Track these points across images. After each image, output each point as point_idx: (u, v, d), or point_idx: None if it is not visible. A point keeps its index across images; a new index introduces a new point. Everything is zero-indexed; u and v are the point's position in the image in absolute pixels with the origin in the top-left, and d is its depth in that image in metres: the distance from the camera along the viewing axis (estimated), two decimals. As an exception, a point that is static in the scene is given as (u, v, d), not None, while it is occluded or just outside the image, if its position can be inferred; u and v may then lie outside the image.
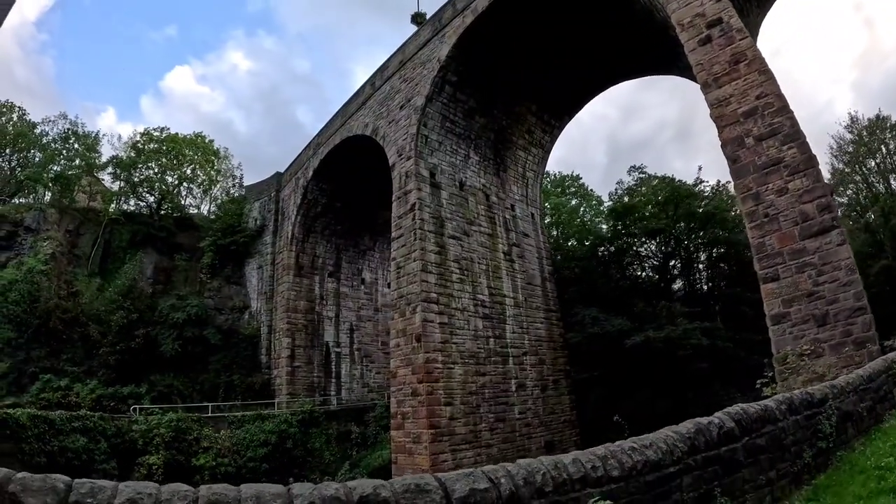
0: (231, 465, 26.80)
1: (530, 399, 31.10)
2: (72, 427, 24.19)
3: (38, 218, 42.03)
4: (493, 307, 30.36)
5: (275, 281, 39.24)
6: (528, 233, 33.80)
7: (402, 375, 27.32)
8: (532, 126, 35.13)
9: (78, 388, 33.51)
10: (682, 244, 39.82)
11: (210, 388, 35.59)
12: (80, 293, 38.33)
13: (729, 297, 39.59)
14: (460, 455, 26.89)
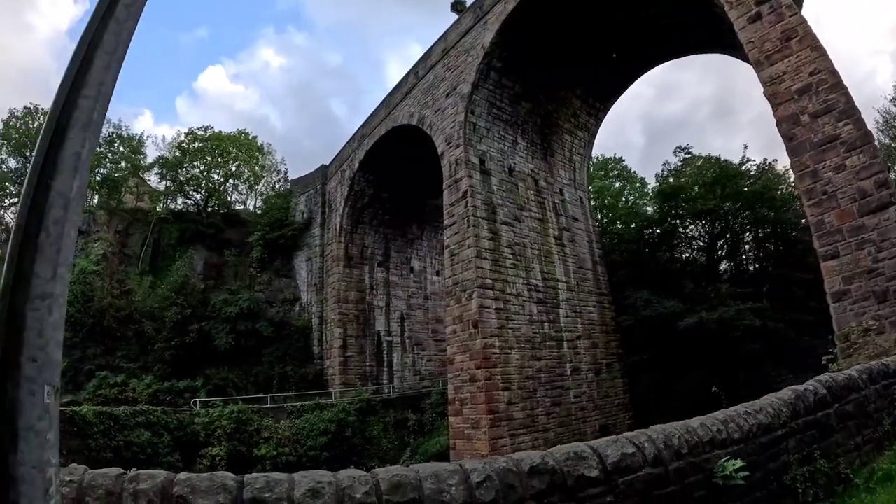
0: (292, 454, 27.20)
1: (585, 383, 31.01)
2: (136, 422, 24.64)
3: (87, 220, 43.09)
4: (547, 292, 30.29)
5: (324, 272, 39.63)
6: (577, 217, 33.60)
7: (460, 362, 27.43)
8: (577, 109, 34.86)
9: (134, 384, 34.27)
10: (729, 225, 39.21)
11: (264, 380, 36.13)
12: (133, 291, 39.20)
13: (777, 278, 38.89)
14: (518, 440, 26.94)
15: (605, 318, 33.52)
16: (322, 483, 3.69)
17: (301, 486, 3.62)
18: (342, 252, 38.44)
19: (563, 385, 29.73)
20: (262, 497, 3.48)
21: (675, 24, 28.45)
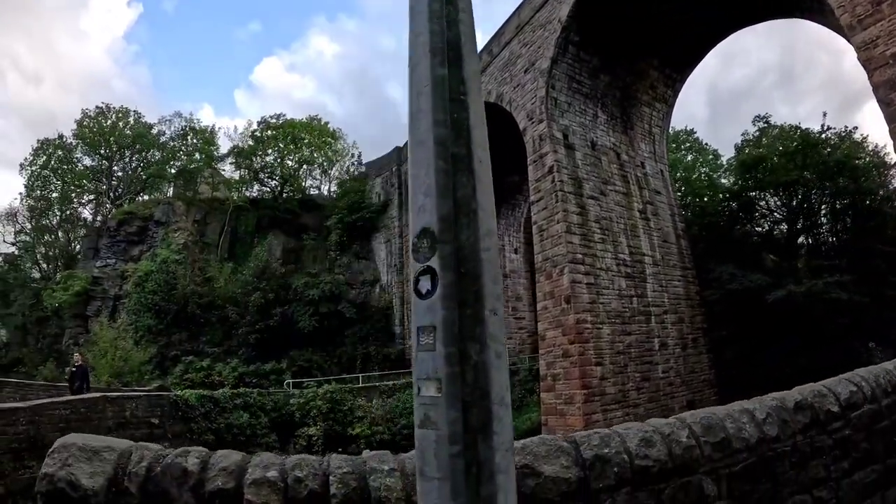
0: (385, 433, 27.45)
1: (672, 358, 30.62)
2: (234, 404, 24.99)
3: (167, 211, 44.40)
4: (634, 266, 29.94)
5: (404, 253, 39.91)
6: (659, 190, 33.04)
7: (552, 337, 27.37)
8: (654, 81, 34.14)
9: (219, 368, 35.16)
10: (808, 196, 37.89)
11: (347, 361, 36.77)
12: (214, 278, 40.25)
13: (857, 251, 37.52)
14: (610, 415, 26.78)
15: (689, 292, 32.98)
16: (649, 432, 4.01)
17: (631, 437, 3.88)
18: None
19: (651, 360, 29.43)
20: (602, 453, 3.64)
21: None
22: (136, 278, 40.00)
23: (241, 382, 33.20)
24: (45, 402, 15.74)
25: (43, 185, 57.17)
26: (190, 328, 38.96)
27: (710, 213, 38.29)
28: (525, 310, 42.32)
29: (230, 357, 36.50)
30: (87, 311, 43.00)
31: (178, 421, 22.03)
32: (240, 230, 43.67)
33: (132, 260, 42.96)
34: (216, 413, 23.93)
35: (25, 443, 13.98)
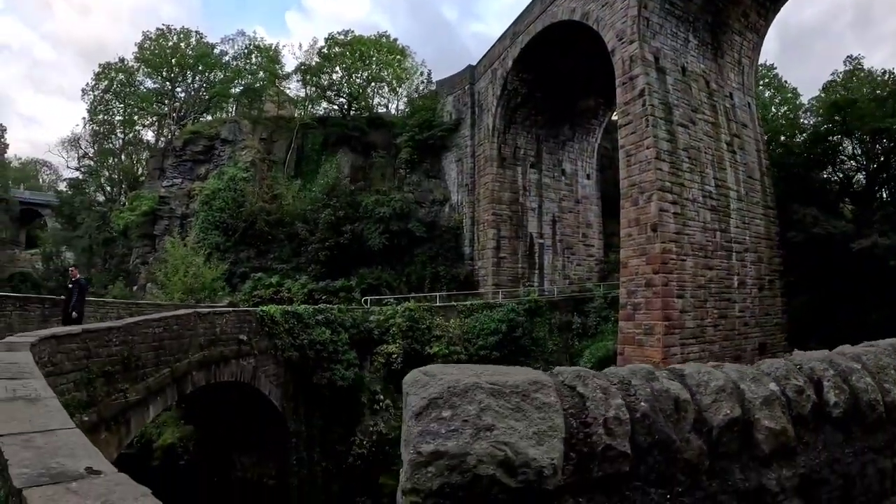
0: (463, 352, 27.56)
1: (749, 298, 29.97)
2: (316, 320, 25.01)
3: (233, 129, 44.26)
4: (719, 199, 29.03)
5: (475, 173, 39.44)
6: (746, 123, 31.71)
7: (634, 266, 26.87)
8: (747, 8, 32.26)
9: (288, 284, 35.44)
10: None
11: (416, 280, 36.91)
12: (282, 196, 40.23)
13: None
14: (687, 349, 26.47)
15: (769, 232, 32.05)
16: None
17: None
18: (495, 152, 37.84)
19: (729, 298, 28.85)
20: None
21: None
22: (204, 197, 40.22)
23: (310, 299, 33.43)
24: (138, 320, 14.83)
25: (105, 109, 57.85)
26: (258, 245, 39.21)
27: (796, 152, 36.66)
28: (595, 237, 41.90)
29: (299, 274, 36.78)
30: (154, 230, 43.68)
31: (263, 337, 22.18)
32: (306, 148, 43.33)
33: (199, 179, 43.17)
34: (299, 329, 24.01)
35: (119, 364, 13.06)
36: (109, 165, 59.43)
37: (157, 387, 14.82)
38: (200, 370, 17.34)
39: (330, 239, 36.17)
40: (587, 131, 40.84)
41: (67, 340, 10.87)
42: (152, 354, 14.71)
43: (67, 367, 10.77)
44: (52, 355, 10.04)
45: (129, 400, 13.21)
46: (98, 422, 11.73)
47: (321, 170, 41.81)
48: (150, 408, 14.60)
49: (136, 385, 13.77)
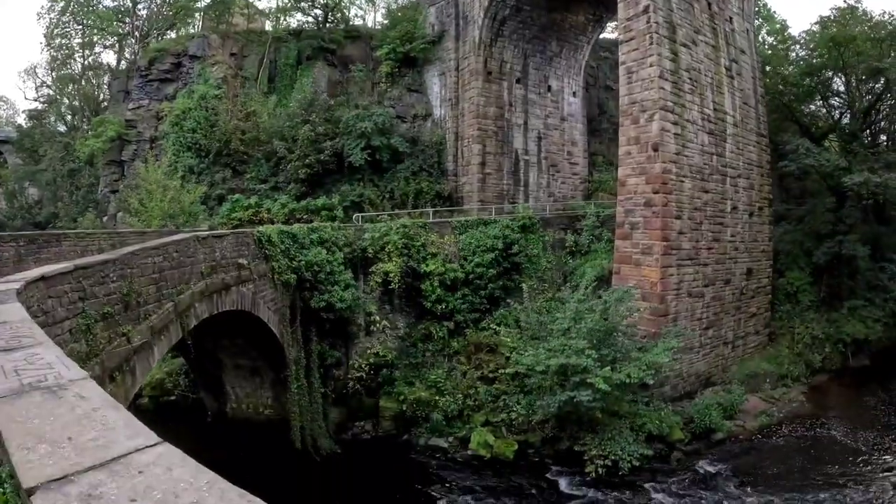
0: (459, 270, 27.24)
1: (740, 223, 30.42)
2: (310, 240, 24.12)
3: (201, 45, 41.96)
4: (717, 123, 28.96)
5: (459, 87, 38.10)
6: (744, 49, 31.37)
7: (633, 184, 26.76)
8: (753, -71, 31.64)
9: (268, 205, 34.38)
10: (890, 88, 36.34)
11: (400, 196, 36.12)
12: (257, 113, 38.61)
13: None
14: (682, 270, 26.82)
15: (762, 160, 32.28)
16: None
17: None
18: (481, 66, 36.65)
19: (722, 222, 29.20)
20: None
21: None
22: (173, 117, 38.22)
23: (291, 219, 32.37)
24: (135, 249, 12.91)
25: (63, 32, 54.10)
26: (233, 166, 37.65)
27: (791, 83, 36.80)
28: (579, 155, 41.69)
29: (278, 194, 35.48)
30: (121, 156, 41.44)
31: (261, 260, 21.12)
32: (280, 63, 41.18)
33: (167, 99, 40.85)
34: (295, 249, 23.04)
35: (119, 303, 11.42)
36: (69, 93, 56.00)
37: (160, 325, 13.43)
38: (202, 301, 16.00)
39: (310, 156, 34.78)
40: (575, 48, 39.95)
41: (59, 281, 9.28)
42: (153, 288, 13.32)
43: (61, 314, 9.25)
44: (41, 301, 8.52)
45: (132, 344, 11.88)
46: (101, 374, 10.28)
47: (297, 85, 39.93)
48: (154, 350, 13.22)
49: (139, 326, 12.41)
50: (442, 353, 26.59)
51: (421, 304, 26.96)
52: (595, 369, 19.87)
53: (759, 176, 32.00)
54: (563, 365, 20.19)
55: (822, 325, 31.68)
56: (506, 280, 28.28)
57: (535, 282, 28.62)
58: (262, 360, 22.66)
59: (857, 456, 22.25)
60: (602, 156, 44.25)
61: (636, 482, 19.59)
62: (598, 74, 47.05)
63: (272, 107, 39.21)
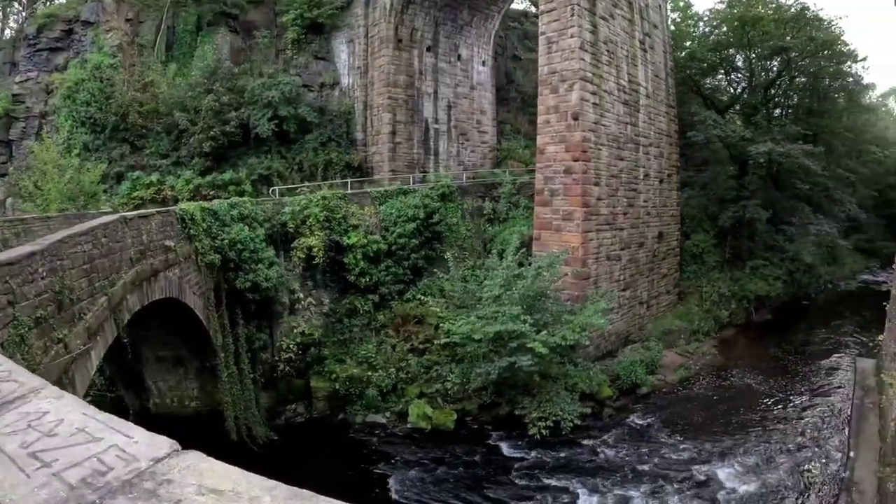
0: (382, 241, 26.85)
1: (651, 189, 31.85)
2: (231, 216, 22.69)
3: (95, 9, 38.29)
4: (631, 94, 29.98)
5: (369, 55, 36.97)
6: (656, 24, 32.55)
7: (553, 153, 27.24)
8: None
9: (171, 182, 32.28)
10: (790, 66, 39.06)
11: (309, 168, 34.84)
12: (156, 83, 36.05)
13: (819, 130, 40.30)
14: (601, 235, 27.78)
15: (670, 129, 33.84)
16: None
17: None
18: (392, 33, 35.72)
19: (636, 188, 30.42)
20: None
21: None
22: (65, 90, 34.60)
23: (197, 195, 30.48)
24: (63, 237, 11.15)
25: (-64, 0, 47.64)
26: (132, 141, 34.68)
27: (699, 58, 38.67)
28: (488, 124, 41.82)
29: (181, 169, 33.06)
30: (9, 135, 37.37)
31: (185, 241, 19.65)
32: (179, 30, 38.37)
33: (57, 70, 36.93)
34: (217, 227, 21.60)
35: (51, 304, 9.92)
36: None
37: (96, 325, 11.92)
38: (133, 291, 14.54)
39: (214, 128, 32.69)
40: (486, 17, 39.84)
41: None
42: (85, 282, 11.76)
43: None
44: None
45: (71, 352, 10.45)
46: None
47: (197, 53, 37.45)
48: (92, 355, 11.71)
49: (75, 328, 10.91)
50: (369, 327, 26.04)
51: (344, 279, 26.24)
52: (531, 334, 20.30)
53: (668, 145, 33.57)
54: (499, 332, 20.47)
55: (728, 284, 33.98)
56: (427, 250, 28.08)
57: (455, 250, 28.72)
58: (186, 350, 21.20)
59: (771, 400, 24.33)
60: (510, 124, 44.56)
61: (575, 440, 20.25)
62: (506, 44, 47.24)
63: (172, 76, 36.59)
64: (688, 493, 17.22)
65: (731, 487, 17.47)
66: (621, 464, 18.90)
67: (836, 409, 23.08)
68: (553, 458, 19.11)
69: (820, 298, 41.62)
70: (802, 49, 36.48)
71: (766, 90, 40.13)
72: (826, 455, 19.42)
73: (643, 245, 31.04)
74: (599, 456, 19.38)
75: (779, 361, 29.18)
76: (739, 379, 26.73)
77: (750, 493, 17.17)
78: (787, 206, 37.08)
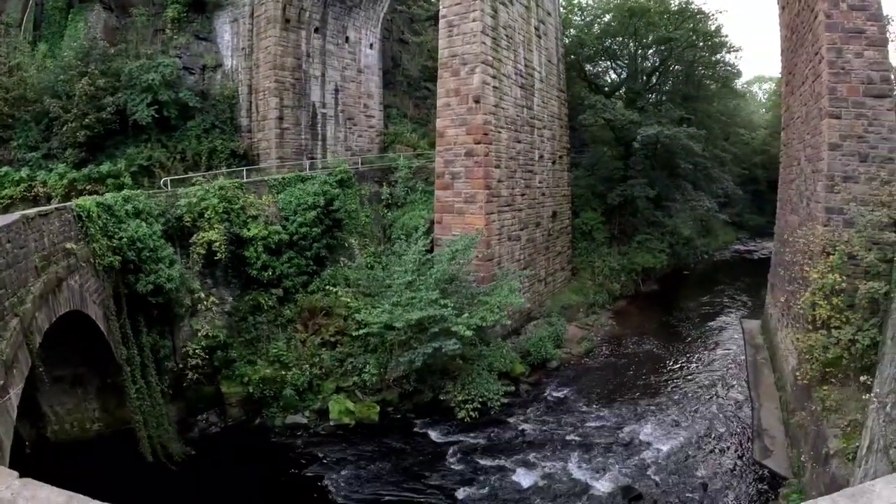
0: (283, 232, 25.58)
1: (546, 171, 32.93)
2: (125, 211, 20.45)
3: (-50, -18, 33.72)
4: (527, 78, 30.70)
5: (255, 36, 35.07)
6: (549, 11, 33.52)
7: (453, 135, 27.30)
8: None
9: (42, 177, 29.08)
10: (672, 55, 41.61)
11: (192, 157, 32.77)
12: (23, 65, 32.26)
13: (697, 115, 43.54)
14: (502, 217, 28.42)
15: (561, 113, 35.06)
16: None
17: None
18: (279, 13, 34.10)
19: (532, 170, 31.31)
20: None
21: None
22: None
23: (72, 191, 27.64)
24: None
25: None
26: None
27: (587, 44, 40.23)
28: (375, 108, 41.33)
29: (53, 162, 29.86)
30: None
31: (84, 243, 17.44)
32: (48, 7, 34.56)
33: (-89, 51, 32.28)
34: (113, 225, 19.39)
35: None
36: None
37: (11, 355, 10.00)
38: (42, 307, 12.42)
39: (89, 114, 29.72)
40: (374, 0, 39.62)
41: None
42: None
43: None
44: None
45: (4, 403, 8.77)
46: None
47: (67, 32, 34.03)
48: (11, 394, 9.72)
49: None
50: (275, 323, 24.74)
51: (246, 274, 24.77)
52: (453, 318, 20.34)
53: (559, 127, 34.78)
54: (420, 318, 20.31)
55: (617, 259, 35.99)
56: (329, 238, 27.15)
57: (356, 237, 28.19)
58: (85, 366, 18.99)
59: (672, 362, 26.36)
60: (396, 108, 44.32)
61: (499, 419, 20.69)
62: (393, 28, 46.72)
63: (41, 58, 32.88)
64: (617, 455, 18.25)
65: (655, 446, 18.69)
66: (549, 437, 19.57)
67: (731, 366, 25.38)
68: (483, 439, 19.40)
69: (698, 268, 45.31)
70: (686, 40, 39.07)
71: (649, 77, 42.62)
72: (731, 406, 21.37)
73: (539, 224, 32.05)
74: (526, 432, 19.91)
75: (671, 327, 31.54)
76: (638, 346, 28.58)
77: (674, 449, 18.48)
78: (670, 184, 39.77)
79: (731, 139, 53.11)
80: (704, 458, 17.97)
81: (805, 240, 17.71)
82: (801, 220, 20.49)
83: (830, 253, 15.38)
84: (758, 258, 48.97)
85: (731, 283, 41.23)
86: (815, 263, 15.82)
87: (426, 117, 43.18)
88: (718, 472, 17.06)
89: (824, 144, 17.62)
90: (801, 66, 21.93)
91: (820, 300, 14.59)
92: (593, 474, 17.20)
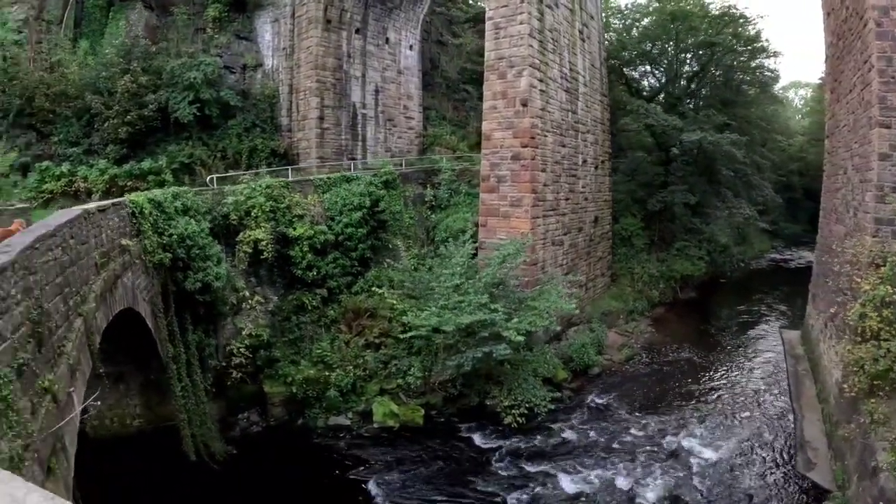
0: (329, 232, 25.60)
1: (588, 175, 32.62)
2: (174, 208, 20.20)
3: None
4: (571, 82, 30.44)
5: (296, 36, 35.12)
6: (593, 15, 33.19)
7: (499, 138, 27.09)
8: None
9: (83, 172, 29.40)
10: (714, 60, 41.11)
11: (233, 155, 32.95)
12: (64, 62, 32.72)
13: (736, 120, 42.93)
14: (547, 221, 28.15)
15: (604, 117, 34.76)
16: None
17: None
18: (321, 13, 34.11)
19: (576, 174, 31.03)
20: None
21: None
22: None
23: (113, 187, 28.18)
24: (32, 240, 8.24)
25: None
26: (38, 127, 31.27)
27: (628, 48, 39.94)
28: (415, 110, 41.26)
29: (94, 158, 30.18)
30: None
31: (137, 239, 17.39)
32: (88, 4, 35.12)
33: (-46, 47, 32.97)
34: (164, 222, 19.25)
35: (30, 339, 7.42)
36: None
37: (77, 357, 9.41)
38: (101, 306, 11.94)
39: (131, 112, 30.04)
40: (415, 1, 39.24)
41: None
42: (60, 301, 9.28)
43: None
44: None
45: (60, 403, 8.03)
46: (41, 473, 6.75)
47: (108, 30, 34.46)
48: (74, 399, 9.03)
49: (58, 368, 8.44)
50: (318, 323, 24.67)
51: (290, 273, 24.75)
52: (502, 322, 20.23)
53: (601, 132, 34.48)
54: (471, 322, 20.24)
55: (656, 265, 35.57)
56: (373, 240, 27.12)
57: (401, 239, 28.18)
58: (130, 364, 19.04)
59: (712, 371, 25.98)
60: (435, 110, 44.20)
61: (543, 424, 20.44)
62: (431, 29, 46.72)
63: (83, 55, 33.33)
64: (663, 464, 17.94)
65: (700, 455, 18.41)
66: (593, 443, 19.32)
67: (771, 376, 24.93)
68: (528, 445, 19.17)
69: (734, 277, 44.65)
70: (727, 44, 38.58)
71: (689, 82, 42.16)
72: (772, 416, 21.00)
73: (581, 230, 31.77)
74: (570, 438, 19.68)
75: (710, 335, 31.20)
76: (678, 354, 28.25)
77: (718, 458, 18.18)
78: (709, 190, 39.27)
79: (769, 146, 52.28)
80: (748, 468, 17.65)
81: (854, 251, 17.28)
82: (848, 230, 20.00)
83: (880, 264, 14.99)
84: (794, 267, 48.21)
85: (769, 292, 40.61)
86: (865, 275, 15.46)
87: (465, 119, 43.10)
88: (762, 483, 16.74)
89: (874, 154, 17.07)
90: (847, 74, 21.38)
91: (870, 311, 14.27)
92: (639, 483, 16.95)
